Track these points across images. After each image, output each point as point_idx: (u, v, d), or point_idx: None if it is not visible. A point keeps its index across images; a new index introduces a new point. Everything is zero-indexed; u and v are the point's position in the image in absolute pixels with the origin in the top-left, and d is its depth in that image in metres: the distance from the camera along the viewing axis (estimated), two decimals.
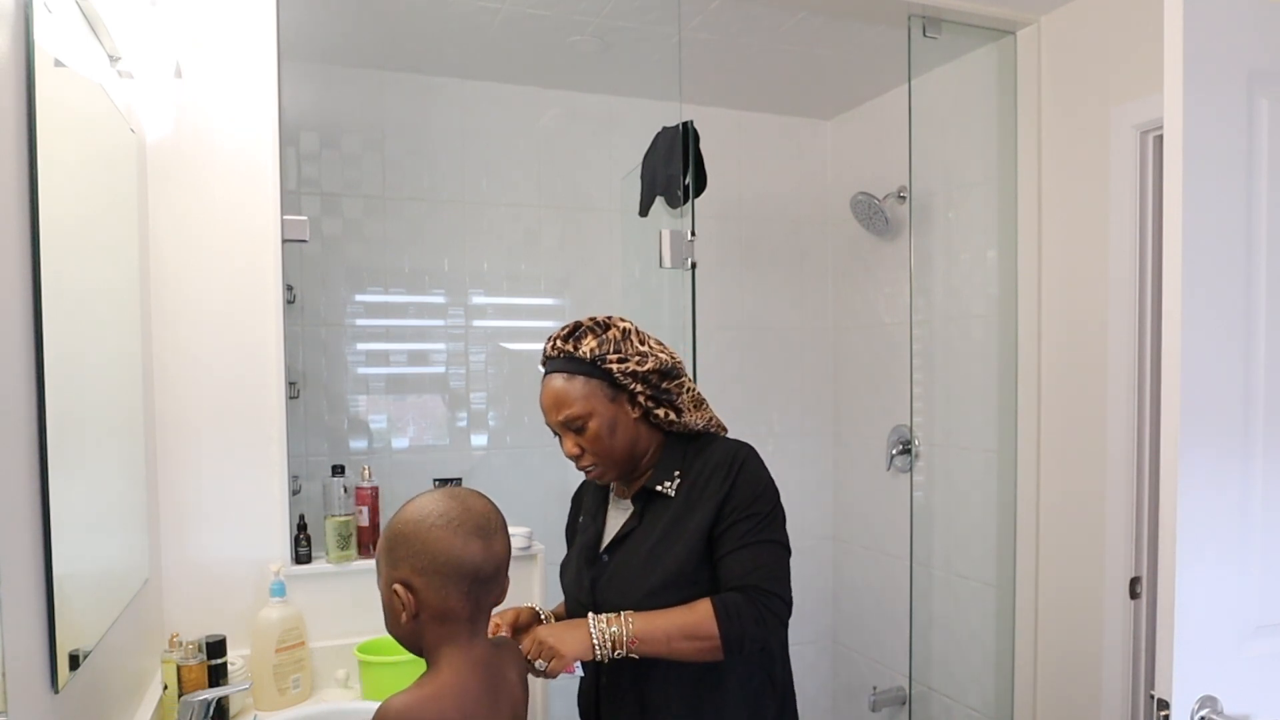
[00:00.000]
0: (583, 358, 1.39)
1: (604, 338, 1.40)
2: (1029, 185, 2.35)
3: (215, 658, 1.72)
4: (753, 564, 1.35)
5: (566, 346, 1.40)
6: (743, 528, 1.37)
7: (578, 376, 1.39)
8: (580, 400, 1.38)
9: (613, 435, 1.39)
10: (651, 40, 2.48)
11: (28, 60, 1.09)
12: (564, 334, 1.42)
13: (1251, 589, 1.36)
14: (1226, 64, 1.31)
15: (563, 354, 1.41)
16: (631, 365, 1.39)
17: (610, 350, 1.39)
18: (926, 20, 2.30)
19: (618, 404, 1.40)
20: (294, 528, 1.96)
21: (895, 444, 2.90)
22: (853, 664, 3.21)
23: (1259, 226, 1.35)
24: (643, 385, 1.40)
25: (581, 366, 1.39)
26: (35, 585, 1.09)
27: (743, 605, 1.32)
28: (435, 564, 1.06)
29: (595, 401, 1.38)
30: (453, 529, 1.07)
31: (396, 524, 1.09)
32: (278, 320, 1.91)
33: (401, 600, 1.07)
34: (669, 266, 2.20)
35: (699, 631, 1.31)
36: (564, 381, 1.39)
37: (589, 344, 1.39)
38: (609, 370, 1.38)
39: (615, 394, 1.40)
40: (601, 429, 1.38)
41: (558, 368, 1.41)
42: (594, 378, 1.38)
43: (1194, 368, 1.29)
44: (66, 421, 1.19)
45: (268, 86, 1.89)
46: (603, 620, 1.30)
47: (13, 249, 1.05)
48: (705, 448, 1.45)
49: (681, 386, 1.45)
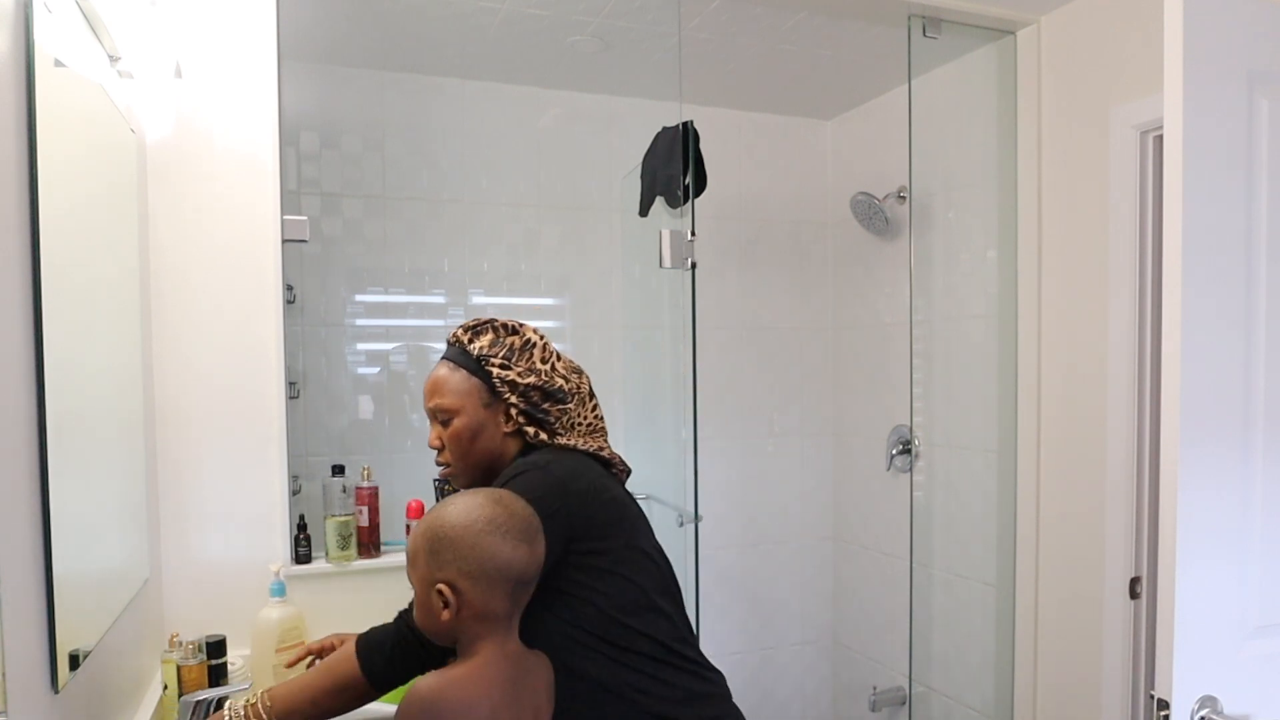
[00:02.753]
0: (470, 353, 1.36)
1: (502, 341, 1.37)
2: (1029, 185, 2.35)
3: (215, 658, 1.72)
4: None
5: (464, 337, 1.38)
6: None
7: (461, 370, 1.36)
8: (454, 394, 1.34)
9: (474, 440, 1.35)
10: (651, 40, 2.48)
11: (28, 60, 1.09)
12: (469, 325, 1.40)
13: (1251, 589, 1.36)
14: (1226, 64, 1.31)
15: (458, 343, 1.38)
16: (512, 375, 1.34)
17: (500, 354, 1.35)
18: (926, 20, 2.30)
19: (491, 411, 1.35)
20: (294, 528, 1.96)
21: (895, 444, 2.90)
22: (853, 664, 3.21)
23: (1259, 226, 1.35)
24: (519, 398, 1.35)
25: (467, 361, 1.36)
26: (35, 585, 1.09)
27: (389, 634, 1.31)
28: (483, 569, 1.08)
29: (469, 401, 1.34)
30: (500, 534, 1.10)
31: (441, 526, 1.10)
32: (278, 320, 1.91)
33: (445, 599, 1.09)
34: (669, 266, 2.20)
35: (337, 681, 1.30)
36: (447, 371, 1.36)
37: (483, 342, 1.37)
38: (489, 373, 1.35)
39: (492, 401, 1.35)
40: (464, 430, 1.34)
41: (448, 355, 1.39)
42: (475, 376, 1.35)
43: (1194, 368, 1.29)
44: (66, 421, 1.19)
45: (268, 86, 1.89)
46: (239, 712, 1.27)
47: (13, 249, 1.05)
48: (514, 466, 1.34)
49: (564, 413, 1.39)
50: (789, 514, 3.23)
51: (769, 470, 3.20)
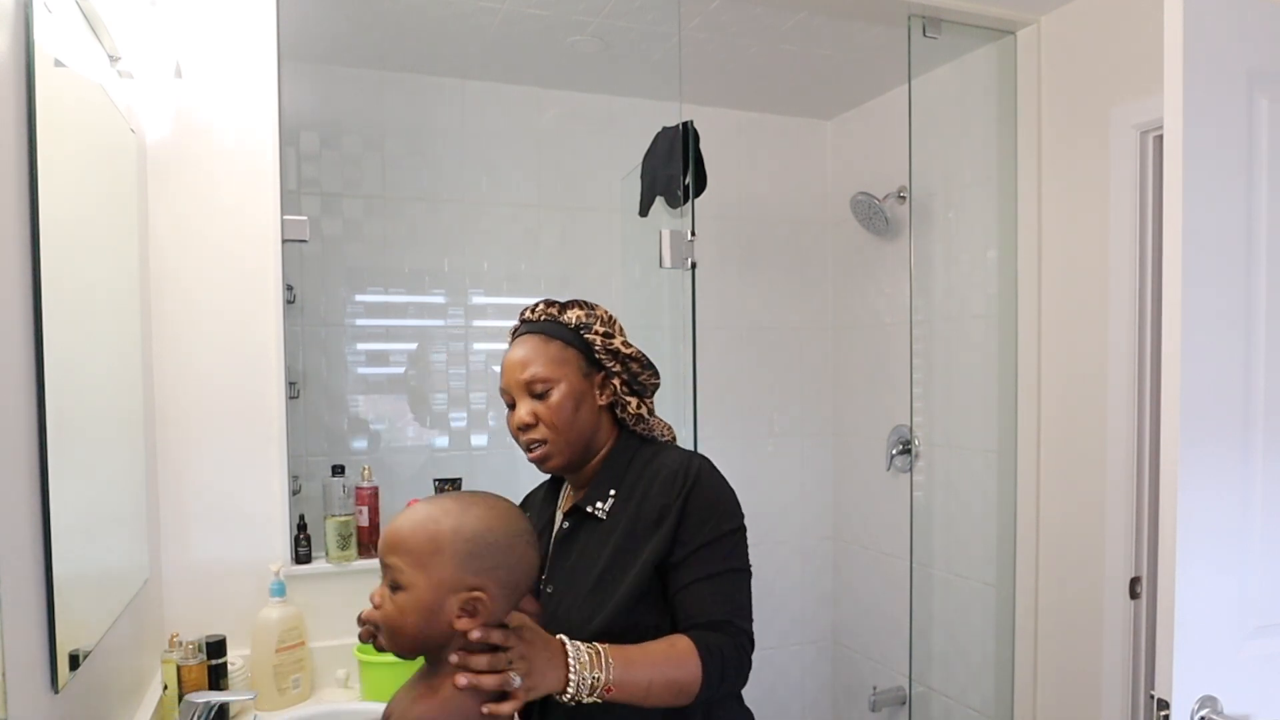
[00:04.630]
0: (566, 323, 1.29)
1: (592, 313, 1.32)
2: (1029, 185, 2.35)
3: (215, 658, 1.72)
4: (724, 597, 1.21)
5: (551, 310, 1.31)
6: (705, 555, 1.21)
7: (556, 340, 1.28)
8: (553, 364, 1.26)
9: (576, 411, 1.26)
10: (651, 40, 2.48)
11: (28, 60, 1.09)
12: (551, 301, 1.33)
13: (1251, 589, 1.36)
14: (1226, 64, 1.31)
15: (545, 317, 1.31)
16: (616, 343, 1.29)
17: (597, 324, 1.30)
18: (926, 20, 2.30)
19: (590, 382, 1.29)
20: (294, 528, 1.96)
21: (895, 444, 2.90)
22: (853, 664, 3.21)
23: (1259, 226, 1.35)
24: (621, 367, 1.30)
25: (563, 332, 1.29)
26: (35, 585, 1.09)
27: (726, 647, 1.18)
28: (518, 580, 1.03)
29: (568, 370, 1.27)
30: (533, 546, 1.06)
31: (483, 530, 1.01)
32: (278, 320, 1.91)
33: (468, 608, 0.99)
34: (669, 266, 2.20)
35: (681, 677, 1.15)
36: (539, 342, 1.28)
37: (575, 313, 1.31)
38: (590, 342, 1.28)
39: (590, 371, 1.29)
40: (566, 400, 1.25)
41: (536, 329, 1.30)
42: (573, 346, 1.28)
43: (1194, 368, 1.29)
44: (66, 421, 1.19)
45: (268, 86, 1.89)
46: (584, 657, 1.08)
47: (13, 249, 1.05)
48: (651, 460, 1.29)
49: (656, 385, 1.36)
50: (789, 514, 3.23)
51: (769, 470, 3.19)
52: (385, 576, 1.02)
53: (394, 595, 0.99)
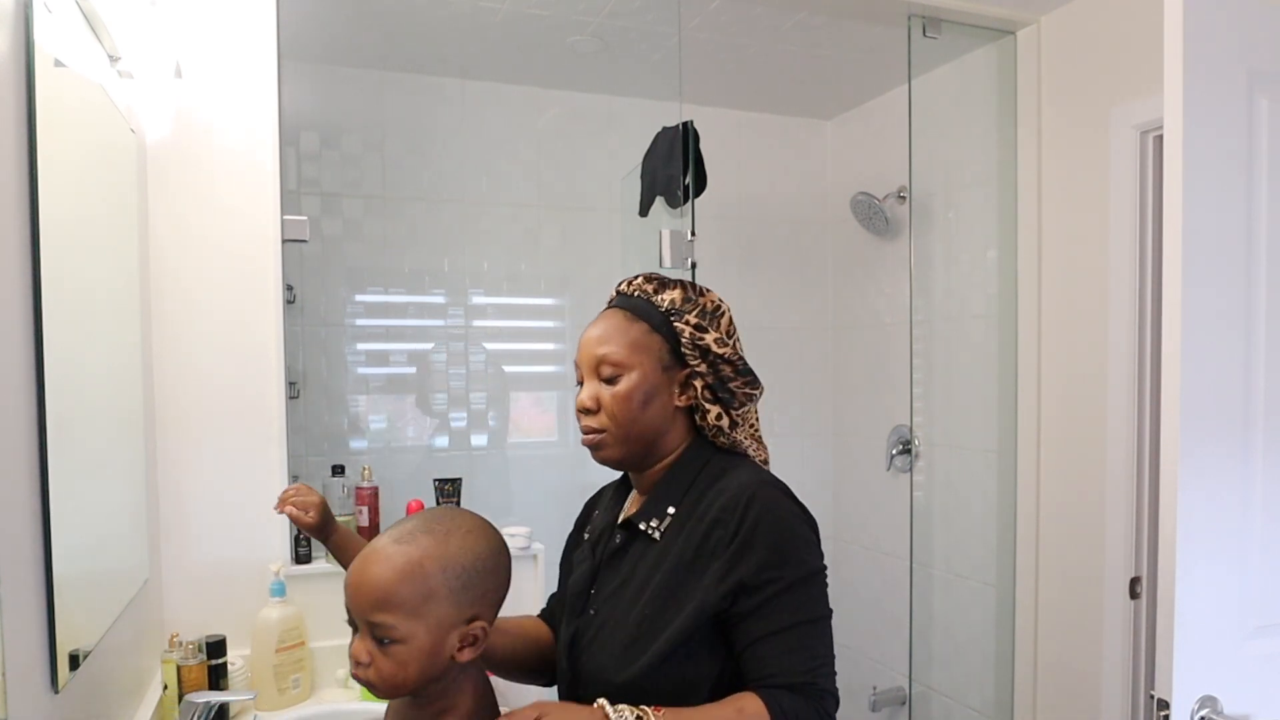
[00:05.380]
0: (658, 305, 1.15)
1: (694, 300, 1.17)
2: (1029, 185, 2.35)
3: (215, 658, 1.72)
4: (803, 654, 1.04)
5: (648, 287, 1.17)
6: (779, 604, 1.04)
7: (641, 322, 1.14)
8: (631, 348, 1.12)
9: (645, 405, 1.12)
10: (651, 40, 2.48)
11: (28, 60, 1.09)
12: (651, 276, 1.19)
13: (1251, 589, 1.36)
14: (1226, 64, 1.31)
15: (640, 294, 1.17)
16: (708, 339, 1.14)
17: (693, 313, 1.15)
18: (926, 20, 2.30)
19: (668, 377, 1.14)
20: (294, 528, 1.96)
21: (895, 444, 2.90)
22: (853, 664, 3.20)
23: (1259, 226, 1.35)
24: (709, 368, 1.15)
25: (652, 314, 1.14)
26: (35, 585, 1.09)
27: (804, 712, 1.02)
28: (504, 597, 1.02)
29: (646, 358, 1.12)
30: (509, 557, 1.04)
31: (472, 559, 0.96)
32: (278, 320, 1.91)
33: (474, 638, 0.96)
34: (669, 266, 2.20)
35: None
36: (624, 320, 1.14)
37: (673, 295, 1.16)
38: (678, 332, 1.14)
39: (671, 365, 1.14)
40: (636, 391, 1.11)
41: (625, 304, 1.17)
42: (659, 333, 1.14)
43: (1194, 368, 1.29)
44: (66, 421, 1.19)
45: (268, 86, 1.89)
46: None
47: (13, 249, 1.05)
48: (719, 477, 1.13)
49: (750, 397, 1.21)
50: None
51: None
52: (368, 631, 0.94)
53: (387, 649, 0.93)
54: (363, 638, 0.94)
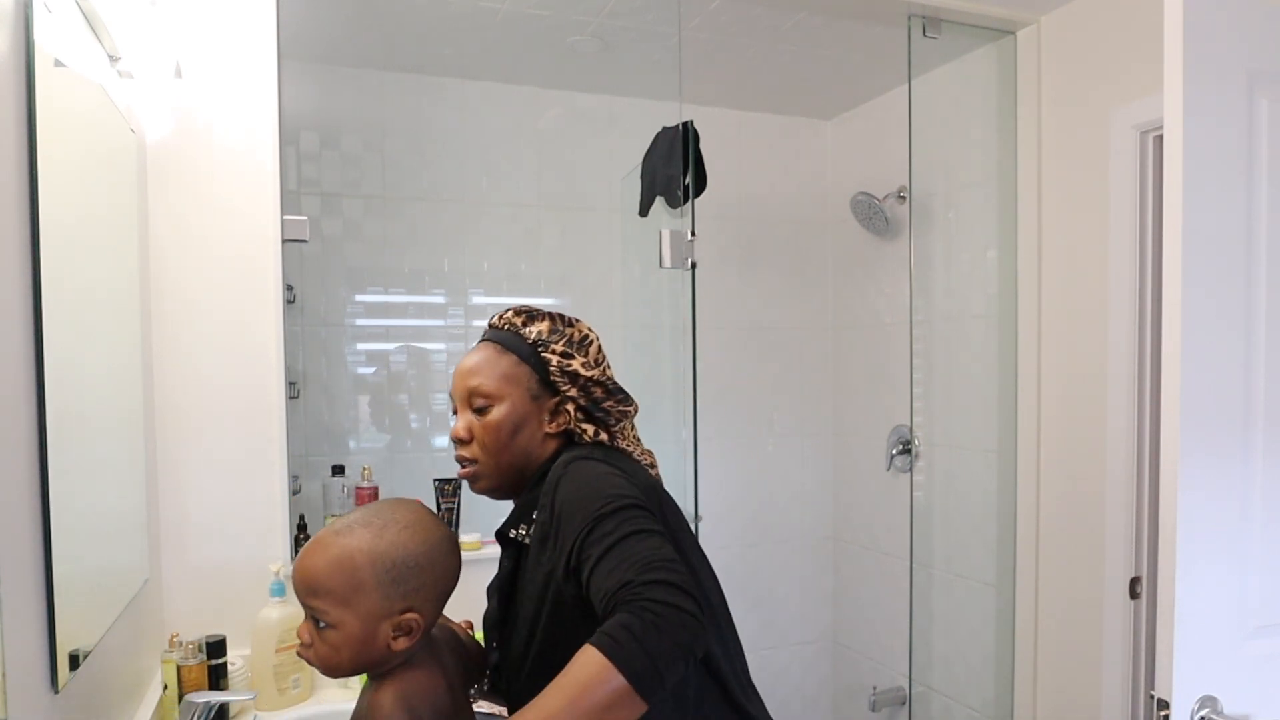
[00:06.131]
0: (526, 337, 1.20)
1: (561, 330, 1.21)
2: (1029, 185, 2.35)
3: (215, 658, 1.72)
4: (620, 566, 0.96)
5: (516, 320, 1.22)
6: (590, 540, 1.00)
7: (511, 354, 1.18)
8: (500, 379, 1.16)
9: (514, 435, 1.16)
10: (651, 40, 2.48)
11: (28, 60, 1.09)
12: (520, 309, 1.24)
13: (1251, 589, 1.36)
14: (1226, 64, 1.31)
15: (509, 326, 1.22)
16: (575, 365, 1.18)
17: (560, 343, 1.20)
18: (926, 20, 2.30)
19: (537, 405, 1.18)
20: (294, 528, 1.96)
21: (895, 444, 2.90)
22: (853, 664, 3.21)
23: (1259, 226, 1.35)
24: (580, 391, 1.19)
25: (520, 345, 1.19)
26: (35, 585, 1.09)
27: (629, 621, 0.90)
28: (445, 590, 1.03)
29: (515, 388, 1.17)
30: (455, 552, 1.05)
31: (402, 555, 0.99)
32: (278, 320, 1.91)
33: (407, 629, 0.99)
34: (669, 266, 2.20)
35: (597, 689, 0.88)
36: (493, 352, 1.19)
37: (540, 327, 1.21)
38: (546, 361, 1.18)
39: (541, 393, 1.18)
40: (505, 421, 1.16)
41: (495, 336, 1.21)
42: (527, 363, 1.18)
43: (1194, 368, 1.29)
44: (67, 421, 1.19)
45: (268, 86, 1.89)
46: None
47: (13, 249, 1.05)
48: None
49: (625, 414, 1.23)
50: (789, 514, 3.23)
51: (769, 470, 3.20)
52: (308, 613, 0.99)
53: (323, 633, 0.98)
54: (306, 619, 1.00)
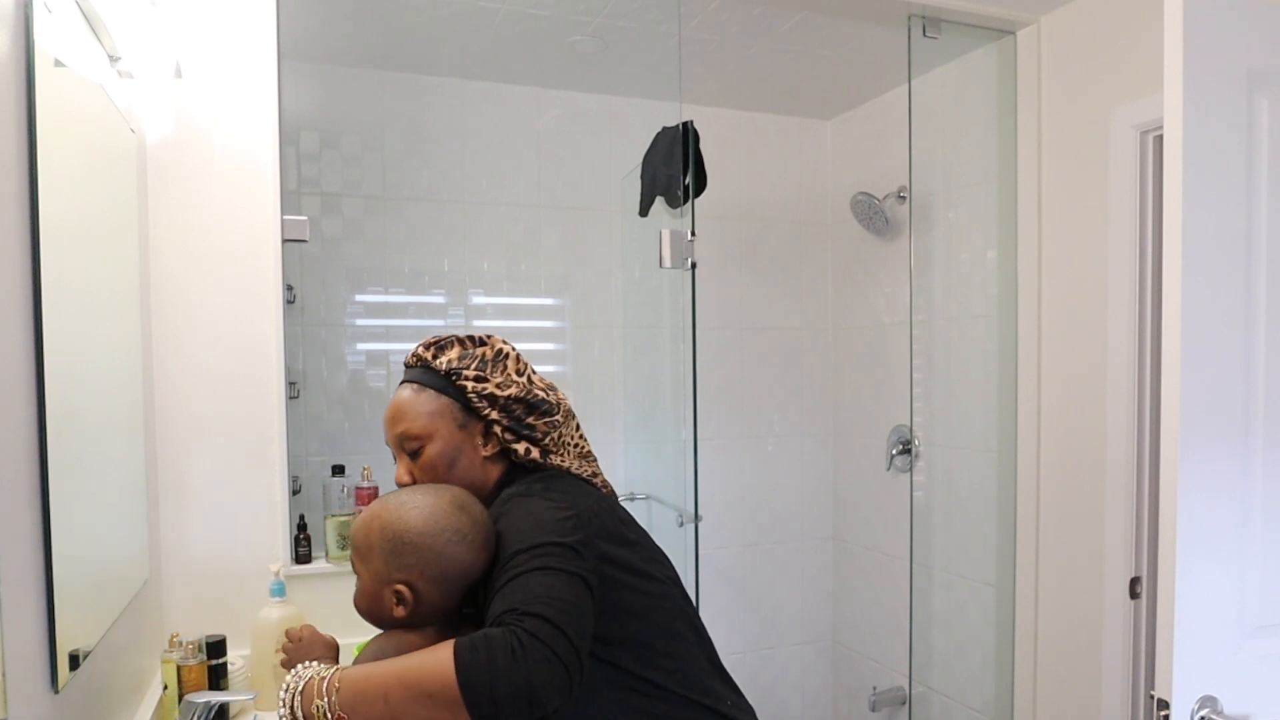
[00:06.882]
0: (437, 369, 1.20)
1: (470, 353, 1.22)
2: (1029, 185, 2.35)
3: (215, 658, 1.72)
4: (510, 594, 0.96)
5: (426, 354, 1.22)
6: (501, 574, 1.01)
7: (427, 390, 1.19)
8: (423, 418, 1.17)
9: (451, 468, 1.17)
10: (651, 40, 2.48)
11: (28, 60, 1.09)
12: (429, 342, 1.23)
13: (1251, 589, 1.36)
14: (1226, 64, 1.31)
15: (419, 362, 1.22)
16: (490, 387, 1.18)
17: (472, 366, 1.20)
18: (926, 20, 2.30)
19: (467, 433, 1.19)
20: (294, 528, 1.96)
21: (895, 444, 2.90)
22: (853, 664, 3.21)
23: (1259, 226, 1.35)
24: (500, 413, 1.19)
25: (434, 379, 1.20)
26: (35, 585, 1.09)
27: (495, 637, 0.90)
28: (447, 575, 1.07)
29: (441, 423, 1.17)
30: (466, 544, 1.07)
31: (404, 530, 1.06)
32: (278, 320, 1.91)
33: (402, 599, 1.07)
34: (669, 266, 2.20)
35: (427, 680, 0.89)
36: (410, 393, 1.19)
37: (450, 356, 1.21)
38: (463, 388, 1.18)
39: (467, 420, 1.19)
40: (439, 458, 1.17)
41: (409, 377, 1.22)
42: (446, 395, 1.19)
43: (1194, 368, 1.29)
44: (67, 421, 1.19)
45: (268, 86, 1.89)
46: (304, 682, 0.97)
47: (13, 249, 1.05)
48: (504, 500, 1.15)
49: (553, 427, 1.22)
50: (789, 514, 3.23)
51: (769, 470, 3.20)
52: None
53: (358, 579, 1.12)
54: None
